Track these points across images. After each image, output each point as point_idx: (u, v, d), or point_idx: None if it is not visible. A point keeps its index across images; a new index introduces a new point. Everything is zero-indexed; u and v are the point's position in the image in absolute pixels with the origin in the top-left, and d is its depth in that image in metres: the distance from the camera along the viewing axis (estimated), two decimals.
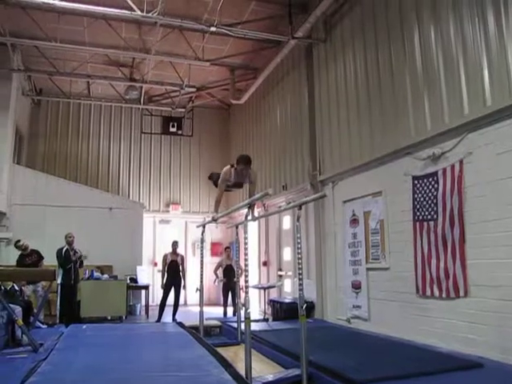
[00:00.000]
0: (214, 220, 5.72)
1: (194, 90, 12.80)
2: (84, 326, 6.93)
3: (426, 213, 5.95)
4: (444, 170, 5.68)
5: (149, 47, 10.26)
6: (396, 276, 6.55)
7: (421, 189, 6.08)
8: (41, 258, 8.60)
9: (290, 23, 8.78)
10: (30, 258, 8.48)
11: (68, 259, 8.43)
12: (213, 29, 8.63)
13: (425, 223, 5.96)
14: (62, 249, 8.51)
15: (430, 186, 5.90)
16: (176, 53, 10.70)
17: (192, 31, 9.73)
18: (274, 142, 11.14)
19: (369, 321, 7.16)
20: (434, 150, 5.86)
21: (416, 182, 6.17)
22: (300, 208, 4.32)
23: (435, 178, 5.82)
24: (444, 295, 5.60)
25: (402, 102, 6.58)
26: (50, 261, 8.53)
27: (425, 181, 6.01)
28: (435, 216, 5.78)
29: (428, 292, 5.85)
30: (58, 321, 8.28)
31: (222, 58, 11.01)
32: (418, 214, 6.10)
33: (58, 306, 8.43)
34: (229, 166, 5.72)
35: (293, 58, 10.15)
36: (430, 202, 5.90)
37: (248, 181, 5.74)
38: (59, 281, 8.30)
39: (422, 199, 6.05)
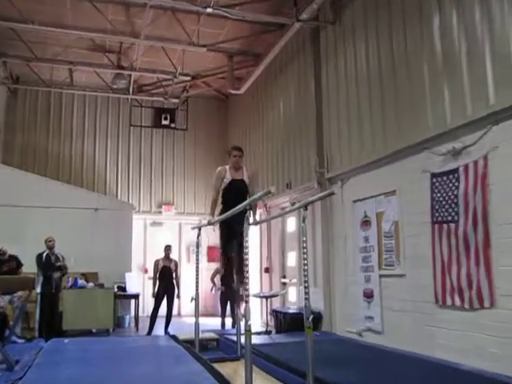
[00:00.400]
0: (210, 224, 5.70)
1: (188, 78, 12.75)
2: (66, 340, 6.91)
3: (446, 214, 5.90)
4: (466, 167, 5.62)
5: (138, 31, 10.20)
6: (412, 284, 6.50)
7: (440, 187, 6.03)
8: (19, 264, 8.56)
9: (295, 4, 8.73)
10: (7, 264, 8.44)
11: (49, 265, 8.40)
12: (209, 10, 8.57)
13: (444, 225, 5.91)
14: (41, 254, 8.48)
15: (451, 184, 5.85)
16: (168, 37, 10.64)
17: (186, 13, 9.67)
18: (277, 136, 11.11)
19: (382, 334, 7.12)
20: (454, 144, 5.80)
21: (434, 179, 6.12)
22: (306, 208, 4.28)
23: (456, 176, 5.77)
24: (467, 306, 5.54)
25: (418, 92, 6.53)
26: (28, 267, 8.50)
27: (444, 178, 5.96)
28: (456, 217, 5.73)
29: (448, 302, 5.79)
30: (36, 334, 8.24)
31: (219, 42, 10.95)
32: (437, 215, 6.05)
33: (37, 318, 8.38)
34: (222, 166, 5.86)
35: (297, 43, 10.11)
36: (450, 201, 5.85)
37: (246, 176, 5.95)
38: (39, 290, 8.27)
39: (441, 199, 6.00)
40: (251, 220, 4.78)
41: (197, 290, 6.51)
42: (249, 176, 6.12)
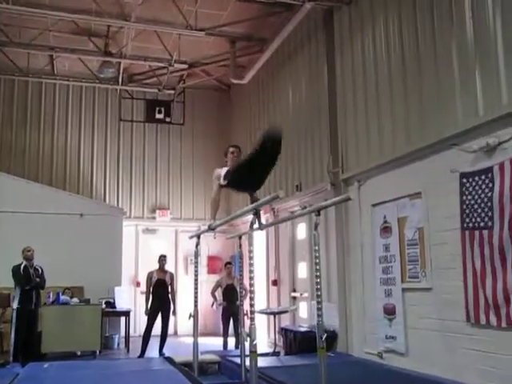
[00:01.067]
0: (211, 229, 5.68)
1: (185, 66, 12.76)
2: (46, 365, 6.90)
3: (479, 219, 5.85)
4: (501, 165, 5.58)
5: (128, 12, 10.23)
6: (440, 299, 6.46)
7: (471, 189, 5.99)
8: None
9: None
10: None
11: (27, 278, 8.40)
12: None
13: (476, 232, 5.86)
14: (19, 265, 8.49)
15: (484, 186, 5.80)
16: (162, 20, 10.66)
17: None
18: (286, 132, 11.01)
19: (406, 355, 7.08)
20: (488, 139, 5.76)
21: (465, 180, 6.08)
22: (318, 214, 4.29)
23: (490, 175, 5.72)
24: (504, 324, 5.48)
25: (446, 81, 6.49)
26: (2, 282, 8.52)
27: (476, 179, 5.91)
28: (490, 223, 5.68)
29: (482, 320, 5.74)
30: (11, 358, 8.21)
31: (220, 26, 10.95)
32: (468, 220, 6.01)
33: (12, 340, 8.34)
34: (220, 168, 5.93)
35: (308, 27, 10.10)
36: (483, 205, 5.80)
37: None
38: (15, 305, 8.26)
39: (472, 202, 5.96)
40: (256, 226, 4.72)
41: (195, 305, 6.51)
42: None
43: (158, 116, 14.32)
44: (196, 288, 6.58)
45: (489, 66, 5.85)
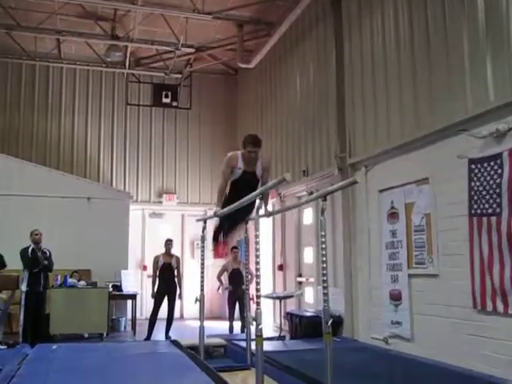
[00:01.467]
0: (217, 216, 5.65)
1: (192, 50, 12.71)
2: (54, 346, 6.94)
3: (487, 205, 5.81)
4: (511, 151, 5.52)
5: None
6: (447, 285, 6.44)
7: (479, 175, 5.94)
8: (3, 265, 8.63)
9: None
10: None
11: (35, 261, 8.43)
12: None
13: (484, 218, 5.82)
14: (27, 248, 8.52)
15: (492, 172, 5.75)
16: (169, 3, 10.61)
17: None
18: (293, 117, 11.04)
19: (412, 341, 7.07)
20: (498, 125, 5.69)
21: (473, 166, 6.02)
22: (325, 199, 4.25)
23: (499, 162, 5.66)
24: (511, 311, 5.46)
25: (456, 65, 6.41)
26: (11, 265, 8.55)
27: (485, 165, 5.85)
28: (498, 210, 5.64)
29: (489, 307, 5.71)
30: (20, 339, 8.28)
31: (227, 9, 10.89)
32: (476, 206, 5.97)
33: (21, 321, 8.41)
34: (234, 152, 5.73)
35: (316, 10, 10.02)
36: (491, 191, 5.75)
37: (259, 169, 5.69)
38: (24, 288, 8.31)
39: (480, 188, 5.91)
40: (262, 211, 4.70)
41: (202, 289, 6.49)
42: (265, 166, 5.77)
43: (164, 100, 14.26)
44: (202, 272, 6.56)
45: (500, 50, 5.77)
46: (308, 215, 10.40)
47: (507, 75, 5.66)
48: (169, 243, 9.95)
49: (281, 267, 11.35)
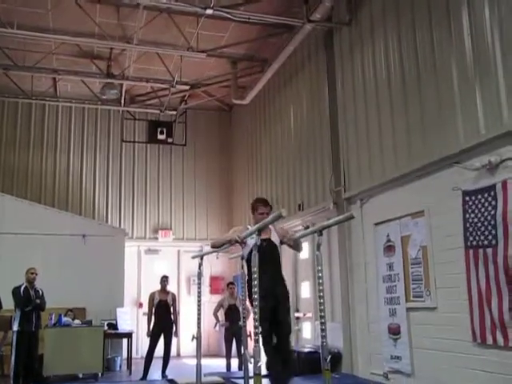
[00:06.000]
0: (238, 242, 5.34)
1: (186, 87, 12.82)
2: None
3: (482, 237, 5.81)
4: (504, 183, 5.55)
5: (130, 35, 10.29)
6: (446, 318, 6.40)
7: (474, 207, 5.96)
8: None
9: (305, 2, 8.78)
10: None
11: (28, 299, 8.34)
12: (209, 11, 8.62)
13: (480, 250, 5.82)
14: (19, 287, 8.43)
15: (487, 204, 5.77)
16: (164, 42, 10.74)
17: (183, 15, 9.76)
18: (287, 151, 11.10)
19: (412, 376, 6.99)
20: (490, 157, 5.74)
21: (467, 198, 6.06)
22: (321, 233, 4.24)
23: (493, 193, 5.69)
24: None
25: (447, 98, 6.50)
26: (5, 305, 8.45)
27: (479, 197, 5.88)
28: (494, 241, 5.64)
29: (489, 340, 5.66)
30: (12, 383, 8.11)
31: (221, 47, 11.05)
32: (472, 238, 5.97)
33: (13, 363, 8.23)
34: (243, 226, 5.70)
35: (309, 47, 10.18)
36: (486, 223, 5.76)
37: (275, 236, 5.57)
38: (15, 327, 8.18)
39: (475, 220, 5.93)
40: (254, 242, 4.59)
41: (198, 326, 6.45)
42: (280, 232, 5.66)
43: (159, 137, 14.35)
44: (199, 309, 6.52)
45: (489, 83, 5.86)
46: (304, 250, 10.34)
47: (496, 108, 5.73)
48: (164, 280, 9.87)
49: None
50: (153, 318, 9.58)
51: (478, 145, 5.92)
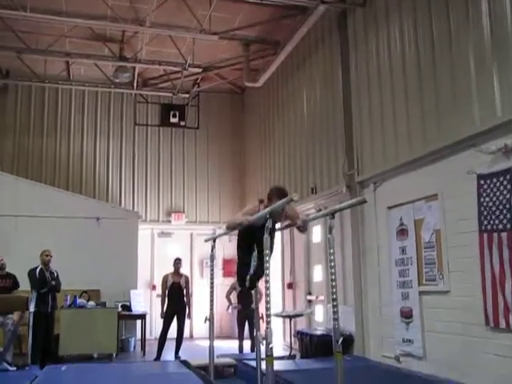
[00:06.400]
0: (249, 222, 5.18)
1: (199, 70, 12.80)
2: (63, 368, 6.93)
3: (497, 221, 5.78)
4: None
5: (143, 18, 10.24)
6: (458, 302, 6.39)
7: (489, 190, 5.92)
8: (16, 285, 8.67)
9: None
10: (2, 281, 8.54)
11: (43, 281, 8.45)
12: None
13: (495, 234, 5.79)
14: (35, 269, 8.55)
15: (502, 187, 5.73)
16: (176, 24, 10.68)
17: None
18: (300, 135, 11.06)
19: (424, 359, 7.00)
20: (506, 140, 5.69)
21: (482, 181, 6.01)
22: (333, 216, 4.22)
23: (508, 177, 5.65)
24: None
25: (463, 81, 6.42)
26: (21, 286, 8.57)
27: (494, 180, 5.84)
28: (508, 225, 5.61)
29: (502, 324, 5.64)
30: (29, 361, 8.25)
31: (234, 29, 10.98)
32: (486, 222, 5.94)
33: (30, 342, 8.39)
34: (256, 203, 5.54)
35: (322, 29, 10.07)
36: (501, 207, 5.72)
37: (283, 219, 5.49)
38: (32, 308, 8.30)
39: (490, 204, 5.89)
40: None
41: (211, 308, 6.48)
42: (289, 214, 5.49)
43: (172, 120, 14.34)
44: (212, 291, 6.55)
45: (507, 65, 5.78)
46: (317, 233, 10.36)
47: None
48: (177, 262, 9.93)
49: (290, 285, 11.29)
50: (166, 300, 9.66)
51: (495, 128, 5.85)
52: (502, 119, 5.76)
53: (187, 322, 10.06)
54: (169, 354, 9.57)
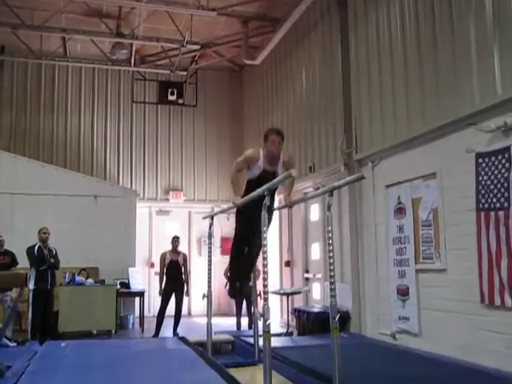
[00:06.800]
0: (236, 205, 5.38)
1: (197, 47, 12.67)
2: (63, 344, 6.96)
3: (494, 200, 5.79)
4: None
5: None
6: (454, 280, 6.42)
7: (487, 169, 5.92)
8: (14, 263, 8.69)
9: None
10: (1, 258, 8.56)
11: (42, 259, 8.48)
12: None
13: (492, 213, 5.80)
14: (33, 246, 8.58)
15: (500, 166, 5.73)
16: (174, 0, 10.56)
17: None
18: (299, 112, 11.02)
19: (420, 336, 7.06)
20: (505, 118, 5.66)
21: (481, 160, 6.01)
22: (331, 194, 4.24)
23: (507, 156, 5.64)
24: None
25: (463, 59, 6.38)
26: (19, 263, 8.59)
27: (493, 159, 5.83)
28: (506, 204, 5.62)
29: (497, 301, 5.69)
30: (29, 337, 8.33)
31: (232, 5, 10.86)
32: (484, 201, 5.94)
33: (30, 319, 8.46)
34: (255, 148, 5.45)
35: (322, 6, 9.98)
36: (499, 185, 5.73)
37: (281, 169, 5.30)
38: (31, 286, 8.34)
39: (488, 182, 5.89)
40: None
41: (209, 286, 6.52)
42: (288, 164, 5.33)
43: (170, 98, 14.24)
44: (209, 269, 6.58)
45: (508, 43, 5.73)
46: (314, 211, 10.39)
47: None
48: (176, 240, 9.95)
49: (288, 263, 11.34)
50: (164, 277, 9.70)
51: (494, 106, 5.83)
52: (502, 97, 5.73)
53: (185, 299, 10.11)
54: (167, 331, 9.63)
